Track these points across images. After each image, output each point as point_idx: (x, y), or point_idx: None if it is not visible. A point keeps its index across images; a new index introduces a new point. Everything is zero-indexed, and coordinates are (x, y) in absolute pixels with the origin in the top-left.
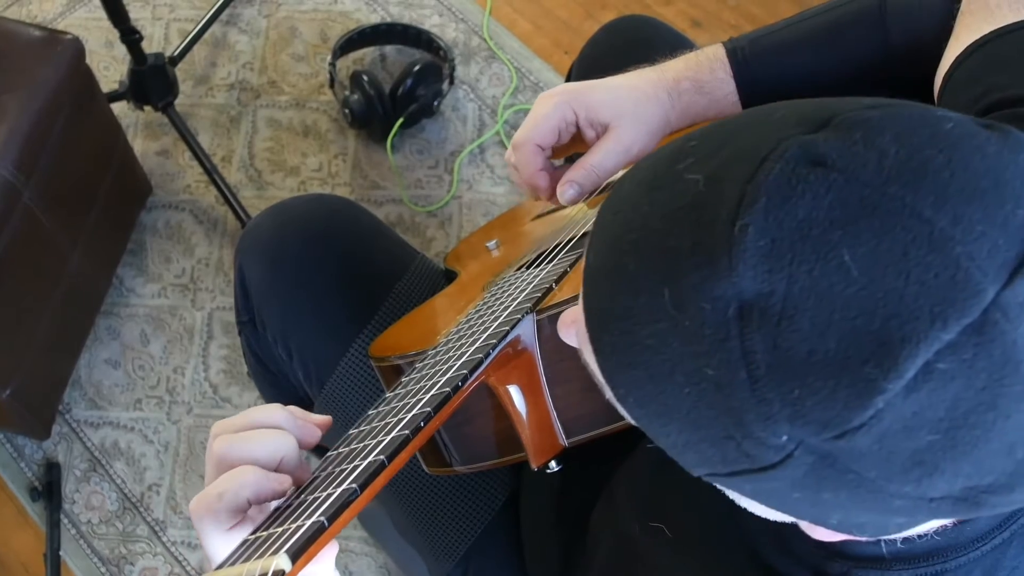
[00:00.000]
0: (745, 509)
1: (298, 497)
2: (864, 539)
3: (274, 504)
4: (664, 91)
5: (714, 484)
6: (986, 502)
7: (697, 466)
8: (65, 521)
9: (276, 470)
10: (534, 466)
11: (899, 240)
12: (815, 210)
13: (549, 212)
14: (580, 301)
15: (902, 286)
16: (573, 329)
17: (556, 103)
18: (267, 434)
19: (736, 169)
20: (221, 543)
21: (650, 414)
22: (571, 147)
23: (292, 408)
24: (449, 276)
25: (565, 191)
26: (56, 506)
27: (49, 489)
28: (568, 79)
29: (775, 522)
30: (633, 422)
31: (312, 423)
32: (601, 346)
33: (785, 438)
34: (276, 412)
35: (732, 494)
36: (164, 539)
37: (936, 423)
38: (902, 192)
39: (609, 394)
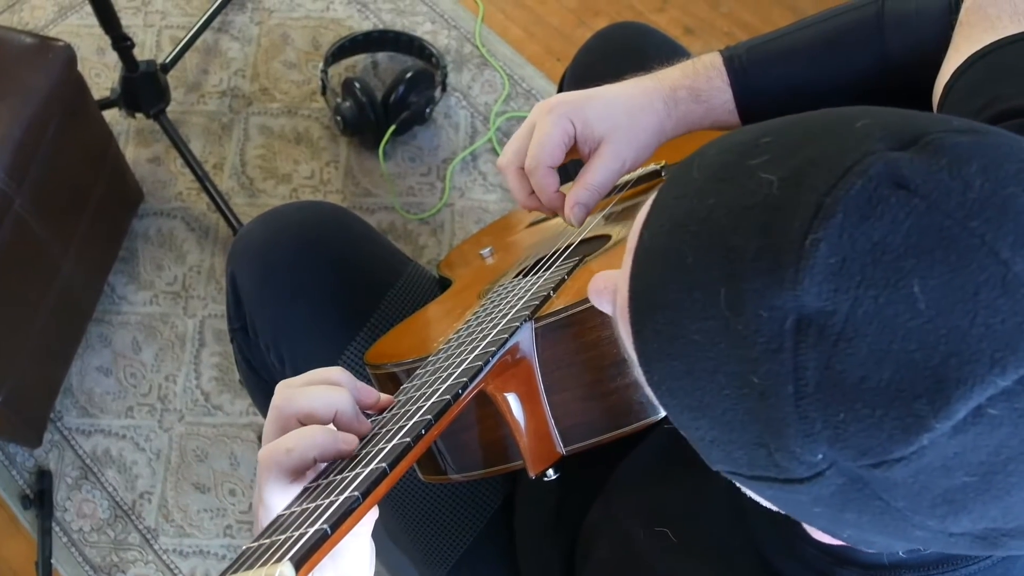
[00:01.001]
0: (753, 512)
1: (300, 504)
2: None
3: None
4: (660, 100)
5: (731, 480)
6: (1004, 544)
7: (720, 462)
8: (56, 529)
9: (332, 423)
10: (532, 474)
11: (972, 278)
12: (892, 234)
13: (543, 220)
14: (625, 274)
15: (967, 326)
16: (608, 296)
17: (555, 119)
18: (324, 388)
19: (815, 177)
20: (279, 494)
21: (682, 405)
22: (570, 155)
23: None
24: (442, 284)
25: (575, 212)
26: (47, 514)
27: (40, 497)
28: (561, 86)
29: (783, 528)
30: (658, 404)
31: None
32: (643, 330)
33: (820, 456)
34: (336, 371)
35: (742, 488)
36: (156, 547)
37: (976, 466)
38: (983, 228)
39: (640, 374)
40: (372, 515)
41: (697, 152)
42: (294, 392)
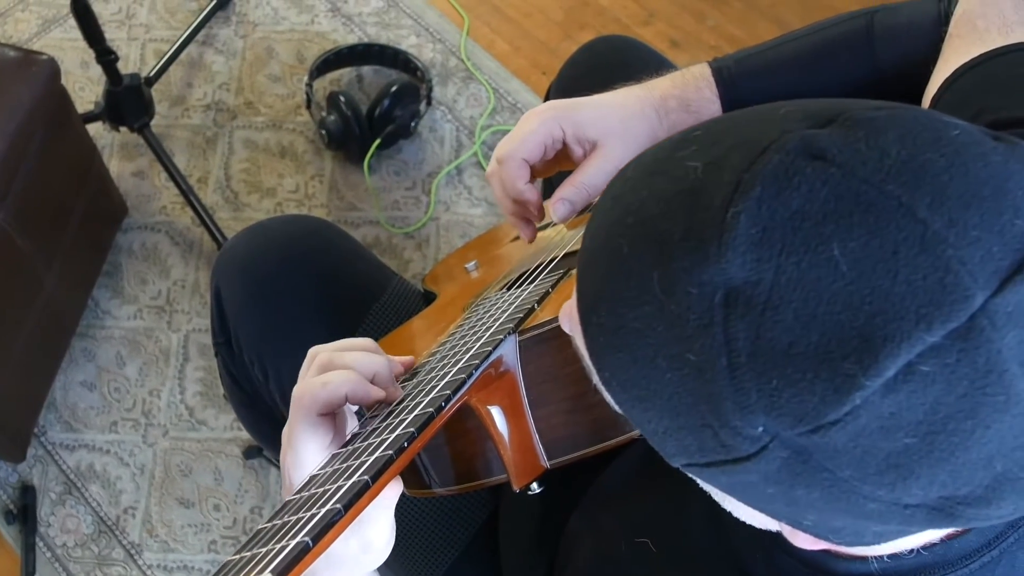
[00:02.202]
0: (732, 524)
1: (282, 517)
2: (847, 551)
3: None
4: (651, 109)
5: (693, 477)
6: (962, 514)
7: (676, 455)
8: (40, 544)
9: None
10: (516, 488)
11: (891, 238)
12: (809, 203)
13: None
14: (575, 284)
15: (889, 285)
16: (568, 316)
17: (543, 119)
18: (365, 353)
19: (736, 158)
20: (309, 431)
21: (633, 399)
22: (555, 165)
23: None
24: (428, 298)
25: (558, 208)
26: (31, 529)
27: (24, 512)
28: (546, 100)
29: (762, 538)
30: (618, 408)
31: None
32: (589, 328)
33: (761, 429)
34: (368, 341)
35: (716, 494)
36: (140, 562)
37: (914, 426)
38: (899, 191)
39: (595, 378)
40: (397, 487)
41: (636, 156)
42: (337, 353)
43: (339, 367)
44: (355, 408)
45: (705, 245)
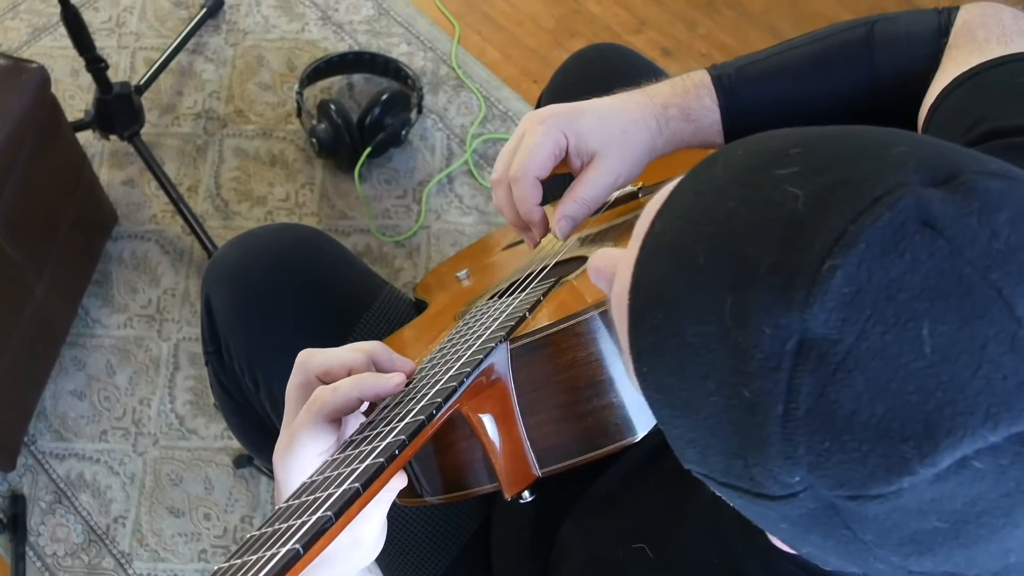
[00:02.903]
0: (730, 528)
1: (273, 524)
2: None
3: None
4: (652, 116)
5: (700, 479)
6: None
7: (693, 463)
8: (30, 553)
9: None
10: (507, 496)
11: (983, 331)
12: (910, 273)
13: (520, 242)
14: (629, 260)
15: (969, 377)
16: (607, 276)
17: (547, 129)
18: (341, 349)
19: (842, 201)
20: (313, 434)
21: (665, 402)
22: (555, 170)
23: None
24: (419, 306)
25: (561, 226)
26: (21, 539)
27: (14, 521)
28: (537, 108)
29: (761, 544)
30: (640, 393)
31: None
32: (639, 322)
33: (798, 480)
34: (367, 343)
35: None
36: (130, 572)
37: (950, 513)
38: (1002, 282)
39: (628, 361)
40: (400, 480)
41: (723, 150)
42: (315, 351)
43: (318, 370)
44: (363, 408)
45: (793, 290)
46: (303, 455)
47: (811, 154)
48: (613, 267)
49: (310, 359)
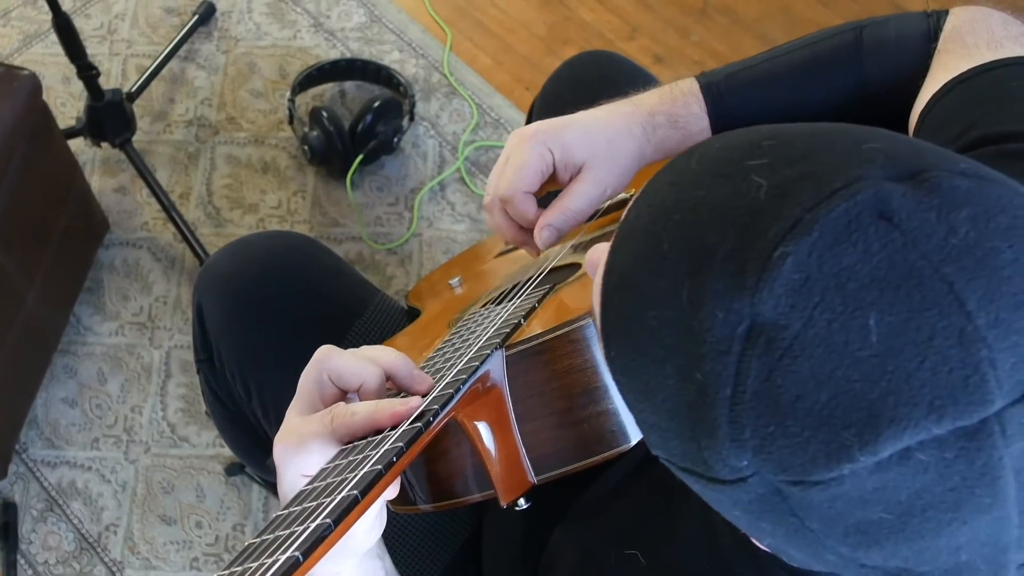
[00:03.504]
0: (724, 535)
1: (273, 532)
2: None
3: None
4: (639, 125)
5: (678, 476)
6: None
7: (657, 448)
8: (22, 561)
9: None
10: (503, 504)
11: (929, 323)
12: (861, 263)
13: (512, 249)
14: (608, 247)
15: (914, 368)
16: (596, 264)
17: (532, 146)
18: (358, 360)
19: (803, 191)
20: (325, 450)
21: (631, 385)
22: (545, 187)
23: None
24: (411, 314)
25: (543, 234)
26: (12, 546)
27: (5, 529)
28: (530, 115)
29: (754, 551)
30: (615, 384)
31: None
32: (608, 304)
33: (745, 464)
34: (382, 351)
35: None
36: None
37: (894, 505)
38: (954, 276)
39: (601, 348)
40: (393, 490)
41: (701, 143)
42: (334, 350)
43: (331, 372)
44: None
45: (744, 276)
46: (310, 461)
47: (783, 147)
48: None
49: (327, 358)
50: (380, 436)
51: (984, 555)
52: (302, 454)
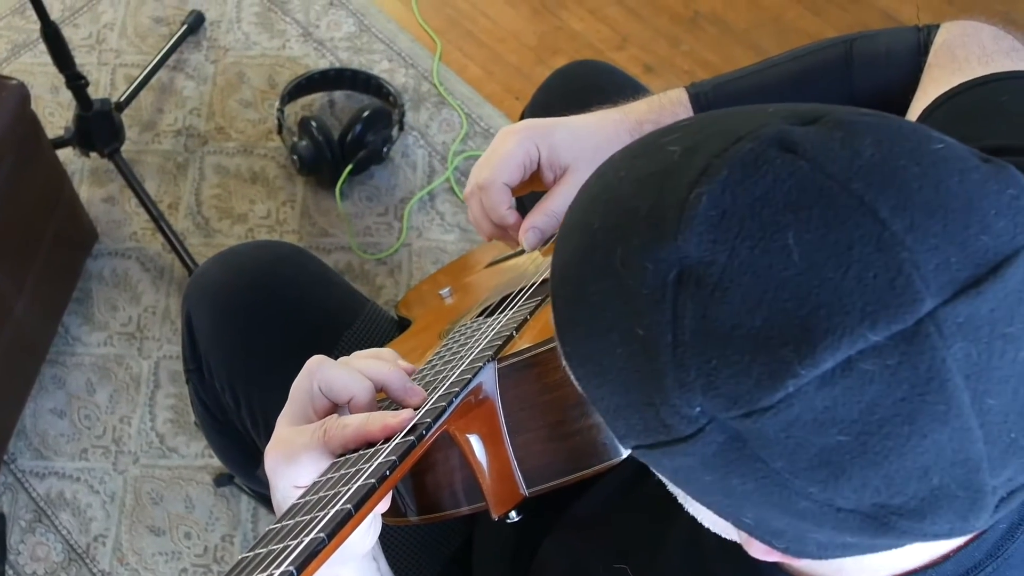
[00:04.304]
0: (712, 550)
1: (266, 546)
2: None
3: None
4: (627, 133)
5: (644, 462)
6: (895, 525)
7: (626, 436)
8: (10, 572)
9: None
10: (495, 516)
11: (847, 234)
12: (772, 191)
13: (502, 260)
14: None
15: (839, 279)
16: None
17: (519, 139)
18: (349, 374)
19: (712, 144)
20: (317, 463)
21: (588, 374)
22: (528, 186)
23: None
24: (401, 324)
25: (528, 237)
26: (1, 557)
27: None
28: None
29: (744, 565)
30: (579, 388)
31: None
32: (556, 300)
33: (698, 410)
34: (376, 361)
35: (680, 495)
36: None
37: (848, 424)
38: (863, 191)
39: (562, 358)
40: (386, 502)
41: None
42: (325, 361)
43: (322, 382)
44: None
45: (665, 222)
46: (301, 473)
47: (696, 122)
48: None
49: (319, 369)
50: (373, 449)
51: (956, 477)
52: (294, 466)
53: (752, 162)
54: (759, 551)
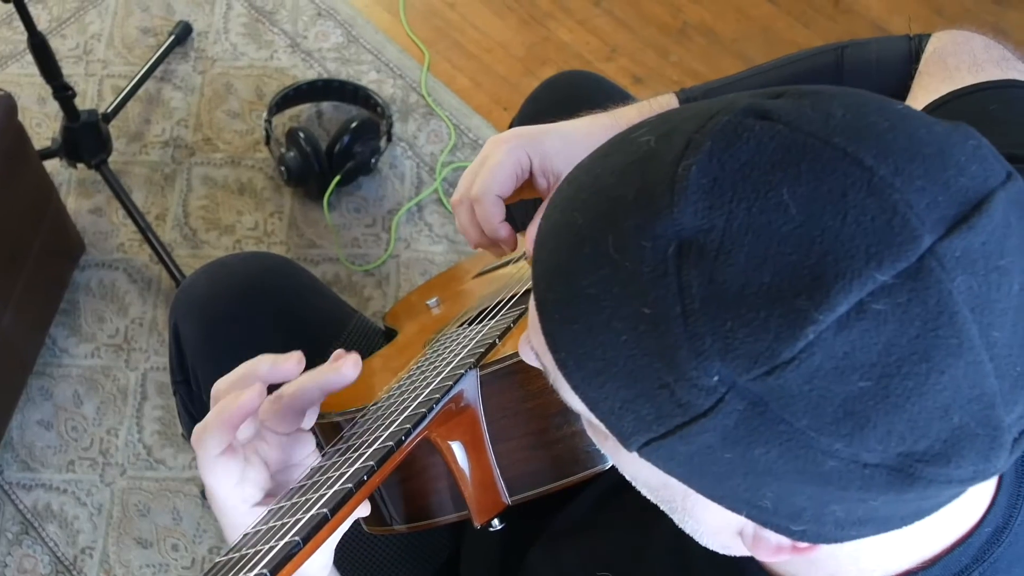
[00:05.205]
0: (695, 558)
1: (240, 551)
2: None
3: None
4: None
5: (653, 464)
6: (922, 474)
7: (636, 432)
8: None
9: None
10: (477, 524)
11: (839, 183)
12: (758, 154)
13: (491, 270)
14: (532, 281)
15: (839, 225)
16: (527, 341)
17: (509, 149)
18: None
19: (688, 125)
20: (211, 464)
21: (589, 375)
22: (520, 193)
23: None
24: (388, 335)
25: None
26: None
27: None
28: None
29: (726, 571)
30: (576, 405)
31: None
32: (546, 308)
33: (716, 379)
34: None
35: (677, 515)
36: None
37: (868, 368)
38: (844, 143)
39: (552, 371)
40: (364, 508)
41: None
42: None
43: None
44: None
45: (657, 199)
46: (215, 488)
47: (661, 116)
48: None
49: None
50: (353, 456)
51: (974, 414)
52: (211, 493)
53: (732, 131)
54: (767, 551)
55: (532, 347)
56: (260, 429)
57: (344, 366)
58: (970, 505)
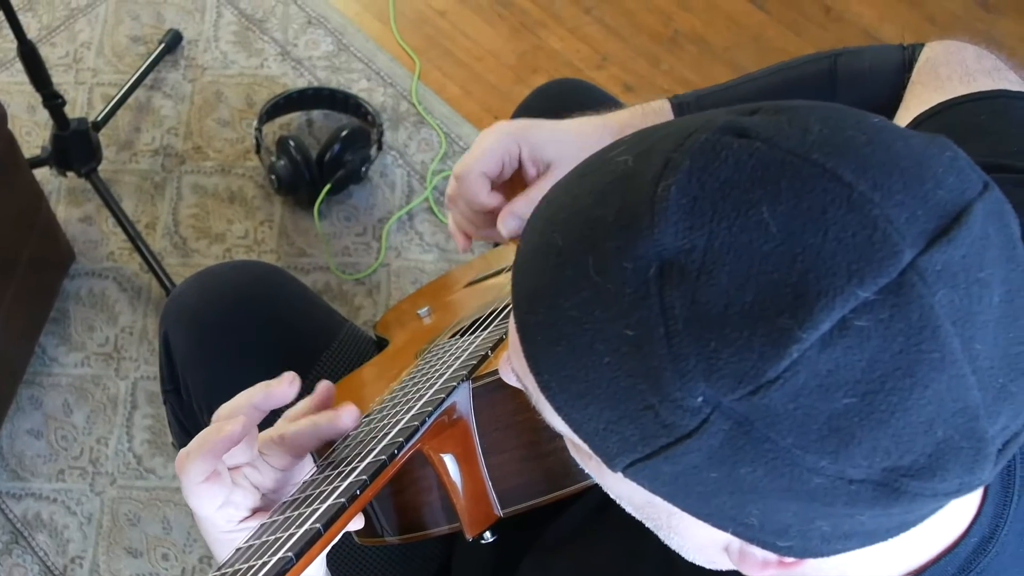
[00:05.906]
0: (685, 573)
1: (232, 565)
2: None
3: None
4: (609, 136)
5: (638, 483)
6: (907, 489)
7: (620, 454)
8: None
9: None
10: (469, 537)
11: (818, 199)
12: (737, 172)
13: (482, 279)
14: (512, 303)
15: (820, 242)
16: (508, 362)
17: (499, 136)
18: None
19: (665, 143)
20: (195, 488)
21: (572, 397)
22: (509, 185)
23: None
24: (379, 344)
25: (507, 222)
26: None
27: None
28: None
29: None
30: (559, 426)
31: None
32: (527, 331)
33: (701, 399)
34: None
35: (663, 531)
36: None
37: (853, 385)
38: (823, 159)
39: (535, 393)
40: (358, 522)
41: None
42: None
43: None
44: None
45: (637, 220)
46: (201, 511)
47: (636, 135)
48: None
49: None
50: (346, 469)
51: (958, 427)
52: (196, 514)
53: (711, 149)
54: (754, 566)
55: (513, 369)
56: (257, 457)
57: (341, 418)
58: (956, 516)
